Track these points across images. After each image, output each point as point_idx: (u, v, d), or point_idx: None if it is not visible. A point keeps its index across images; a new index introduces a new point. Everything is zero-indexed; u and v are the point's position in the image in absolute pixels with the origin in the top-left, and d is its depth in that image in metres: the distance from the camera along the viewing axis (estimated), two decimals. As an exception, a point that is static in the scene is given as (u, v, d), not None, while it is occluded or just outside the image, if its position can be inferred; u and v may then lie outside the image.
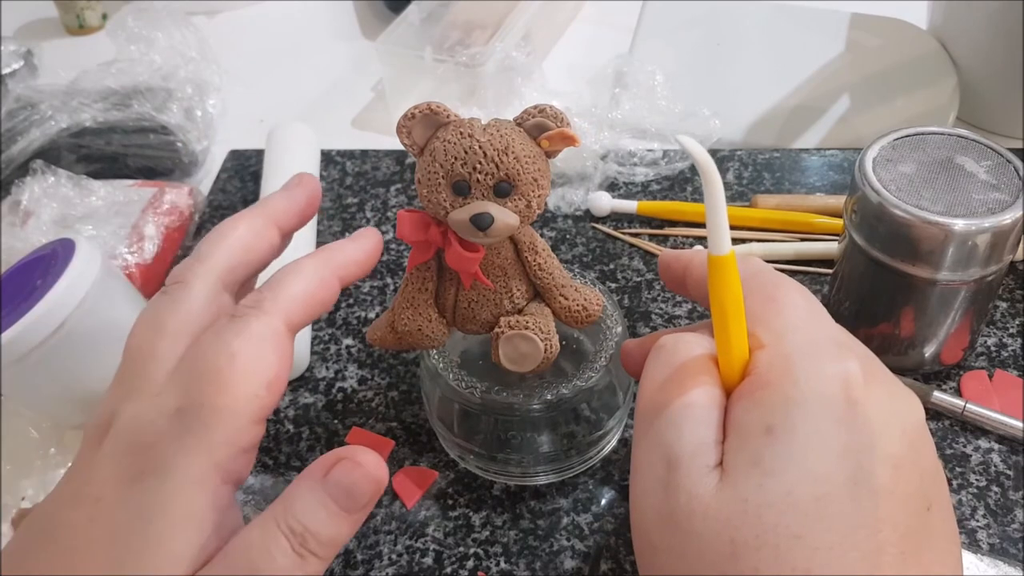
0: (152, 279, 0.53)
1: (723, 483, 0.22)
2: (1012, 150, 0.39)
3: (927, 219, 0.36)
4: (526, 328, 0.34)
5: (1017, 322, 0.46)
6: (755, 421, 0.23)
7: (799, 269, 0.50)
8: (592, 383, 0.36)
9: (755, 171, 0.58)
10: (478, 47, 0.64)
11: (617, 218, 0.55)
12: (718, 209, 0.23)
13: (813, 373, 0.23)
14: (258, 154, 0.62)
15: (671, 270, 0.31)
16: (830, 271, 0.47)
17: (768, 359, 0.24)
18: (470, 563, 0.38)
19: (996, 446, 0.41)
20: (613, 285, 0.51)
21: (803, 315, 0.25)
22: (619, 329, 0.38)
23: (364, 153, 0.63)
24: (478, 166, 0.31)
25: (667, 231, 0.54)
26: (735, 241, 0.48)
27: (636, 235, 0.54)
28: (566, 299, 0.35)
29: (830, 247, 0.51)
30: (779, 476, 0.22)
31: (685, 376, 0.25)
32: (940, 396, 0.42)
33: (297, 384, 0.46)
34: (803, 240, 0.52)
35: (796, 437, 0.22)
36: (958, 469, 0.40)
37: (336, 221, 0.57)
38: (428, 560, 0.38)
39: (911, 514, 0.22)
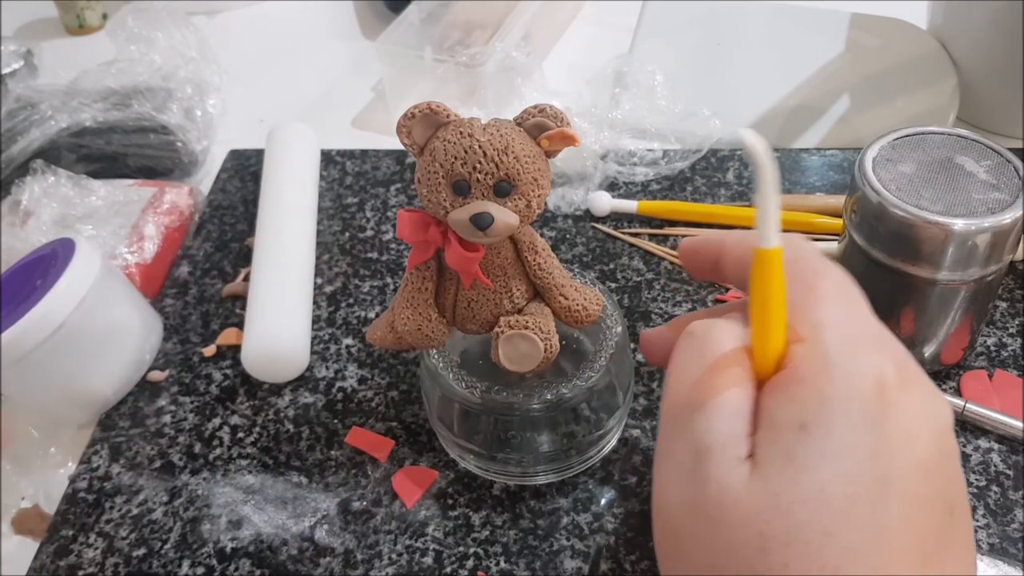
0: (152, 279, 0.53)
1: (754, 476, 0.22)
2: (1012, 150, 0.39)
3: (927, 219, 0.36)
4: (526, 328, 0.34)
5: (1017, 322, 0.46)
6: (789, 416, 0.23)
7: (799, 269, 0.50)
8: (592, 383, 0.36)
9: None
10: (478, 47, 0.64)
11: (617, 218, 0.55)
12: (770, 202, 0.23)
13: (850, 371, 0.23)
14: (258, 154, 0.62)
15: (700, 255, 0.30)
16: (830, 271, 0.47)
17: (805, 353, 0.24)
18: (470, 563, 0.38)
19: (996, 446, 0.41)
20: (613, 285, 0.51)
21: (843, 309, 0.25)
22: (619, 329, 0.38)
23: (364, 153, 0.63)
24: (478, 166, 0.31)
25: (667, 231, 0.54)
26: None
27: (636, 235, 0.54)
28: (566, 299, 0.35)
29: (830, 247, 0.51)
30: (812, 473, 0.22)
31: (717, 366, 0.24)
32: (940, 396, 0.41)
33: (297, 384, 0.46)
34: (803, 240, 0.52)
35: (830, 435, 0.22)
36: (958, 469, 0.40)
37: (336, 221, 0.57)
38: (428, 560, 0.38)
39: (935, 517, 0.22)
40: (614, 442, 0.41)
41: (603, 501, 0.40)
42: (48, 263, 0.44)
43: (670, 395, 0.25)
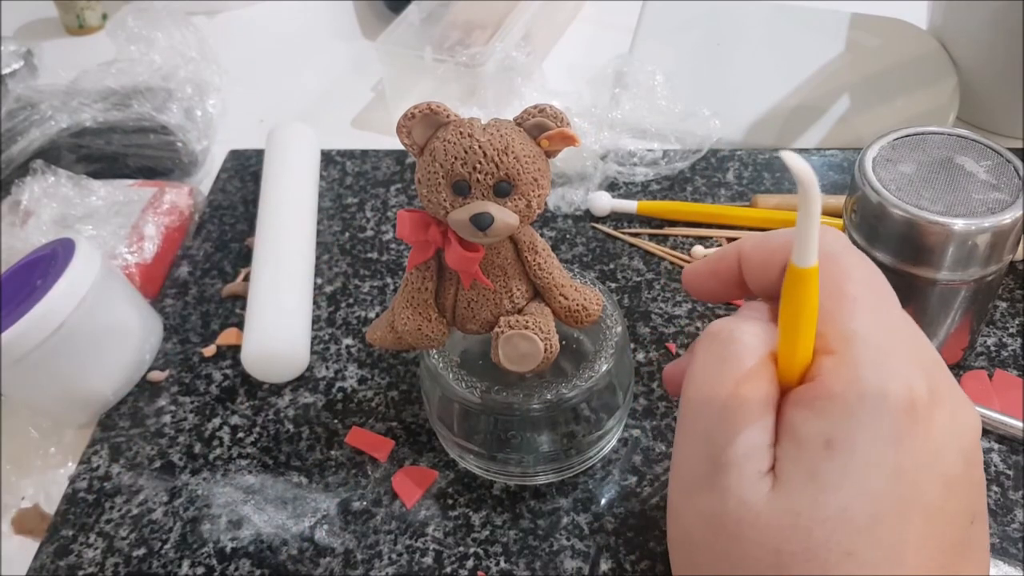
0: (152, 279, 0.53)
1: (775, 492, 0.22)
2: (1012, 150, 0.39)
3: (927, 219, 0.36)
4: (526, 328, 0.34)
5: (1017, 322, 0.46)
6: (814, 432, 0.22)
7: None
8: (592, 383, 0.36)
9: (755, 171, 0.58)
10: (478, 47, 0.64)
11: (617, 218, 0.55)
12: (812, 221, 0.21)
13: (879, 388, 0.22)
14: (258, 154, 0.62)
15: (720, 274, 0.28)
16: (830, 271, 0.47)
17: (834, 366, 0.23)
18: (470, 563, 0.38)
19: (996, 446, 0.41)
20: (613, 285, 0.51)
21: (874, 316, 0.24)
22: (619, 329, 0.38)
23: (364, 153, 0.63)
24: (478, 166, 0.31)
25: (667, 231, 0.54)
26: (733, 240, 0.48)
27: (636, 235, 0.54)
28: (566, 299, 0.35)
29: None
30: (835, 492, 0.21)
31: (741, 373, 0.24)
32: (940, 396, 0.41)
33: (297, 384, 0.46)
34: (803, 240, 0.52)
35: (855, 453, 0.21)
36: (958, 469, 0.40)
37: (336, 221, 0.57)
38: (428, 560, 0.38)
39: (957, 528, 0.22)
40: (614, 442, 0.41)
41: (603, 501, 0.40)
42: (48, 263, 0.44)
43: (691, 401, 0.24)
